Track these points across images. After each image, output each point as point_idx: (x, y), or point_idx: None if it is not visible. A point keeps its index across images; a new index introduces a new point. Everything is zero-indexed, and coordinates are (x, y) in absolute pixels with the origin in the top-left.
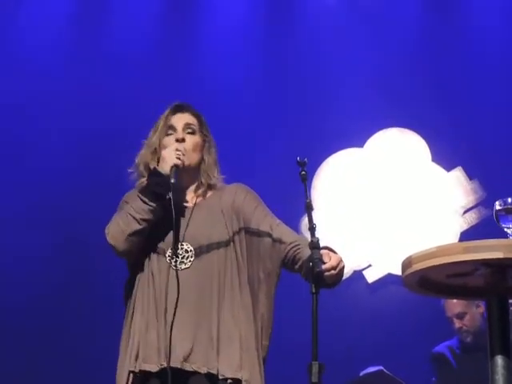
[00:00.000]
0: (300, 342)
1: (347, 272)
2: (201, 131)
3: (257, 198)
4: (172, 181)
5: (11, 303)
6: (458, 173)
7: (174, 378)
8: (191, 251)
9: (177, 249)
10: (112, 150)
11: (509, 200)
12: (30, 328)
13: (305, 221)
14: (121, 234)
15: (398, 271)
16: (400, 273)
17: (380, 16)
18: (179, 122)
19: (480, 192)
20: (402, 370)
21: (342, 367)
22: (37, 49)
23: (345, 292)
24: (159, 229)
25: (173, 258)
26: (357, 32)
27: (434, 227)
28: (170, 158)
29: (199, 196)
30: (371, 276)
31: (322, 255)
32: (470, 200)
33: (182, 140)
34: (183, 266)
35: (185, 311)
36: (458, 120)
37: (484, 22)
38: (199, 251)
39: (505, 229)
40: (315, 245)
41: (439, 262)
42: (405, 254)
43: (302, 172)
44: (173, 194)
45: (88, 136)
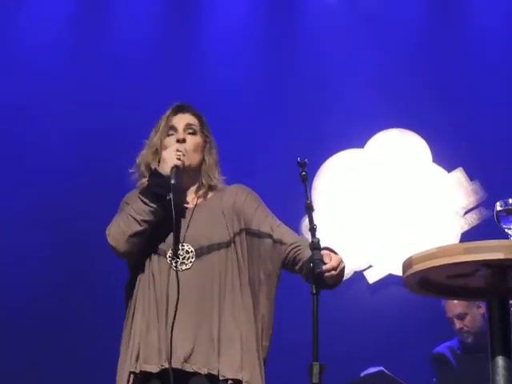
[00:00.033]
0: (301, 343)
1: (348, 273)
2: (202, 132)
3: (257, 199)
4: (172, 181)
5: (11, 303)
6: (459, 174)
7: (175, 379)
8: (192, 252)
9: (177, 250)
10: (112, 150)
11: (510, 201)
12: (30, 328)
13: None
14: (122, 236)
15: (399, 272)
16: (401, 273)
17: (380, 16)
18: (180, 123)
19: (481, 193)
20: (403, 371)
21: (343, 368)
22: (37, 49)
23: (345, 293)
24: (160, 230)
25: (173, 259)
26: (357, 32)
27: (435, 228)
28: (171, 159)
29: (200, 197)
30: (372, 277)
31: (323, 256)
32: (471, 201)
33: (183, 140)
34: (184, 267)
35: (185, 312)
36: (459, 121)
37: (484, 22)
38: (200, 252)
39: (506, 229)
40: (316, 245)
41: (440, 263)
42: (405, 255)
43: (303, 173)
44: (173, 195)
45: (88, 136)
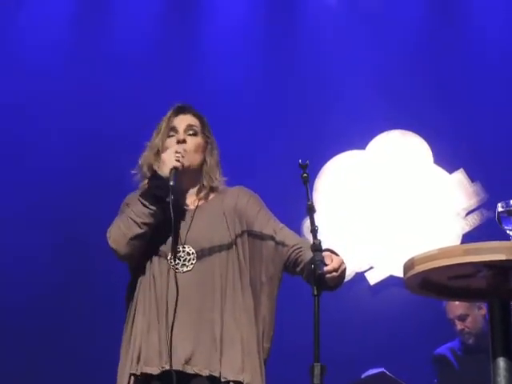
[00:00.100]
0: (302, 344)
1: (349, 274)
2: (203, 133)
3: (259, 202)
4: (171, 183)
5: (11, 303)
6: (460, 175)
7: (176, 381)
8: (193, 254)
9: (176, 251)
10: (112, 150)
11: (511, 202)
12: (30, 328)
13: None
14: (122, 238)
15: (400, 273)
16: (402, 275)
17: (380, 16)
18: (181, 124)
19: (482, 194)
20: (404, 372)
21: (344, 369)
22: (37, 49)
23: (347, 294)
24: (161, 232)
25: (174, 261)
26: (357, 32)
27: (436, 229)
28: (169, 161)
29: (201, 199)
30: (373, 278)
31: (324, 257)
32: (472, 202)
33: (183, 141)
34: (185, 269)
35: (186, 313)
36: (460, 121)
37: (484, 22)
38: (201, 254)
39: (507, 231)
40: (317, 247)
41: (441, 264)
42: (407, 256)
43: (304, 174)
44: (172, 197)
45: (88, 136)
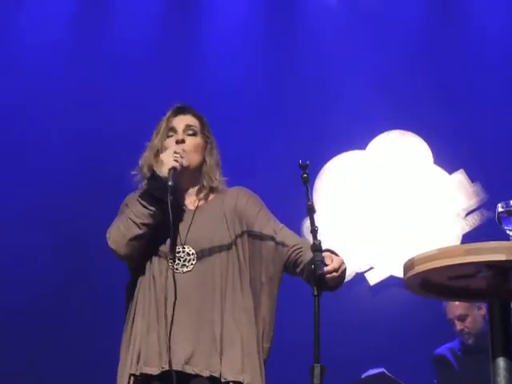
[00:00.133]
0: (302, 344)
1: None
2: (202, 132)
3: (259, 202)
4: (169, 183)
5: (11, 303)
6: (460, 175)
7: (176, 381)
8: (193, 254)
9: (174, 251)
10: (112, 150)
11: (511, 202)
12: (30, 328)
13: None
14: (122, 239)
15: (400, 273)
16: (402, 275)
17: (380, 16)
18: (180, 124)
19: (482, 194)
20: (404, 372)
21: (344, 369)
22: (37, 49)
23: (347, 294)
24: (161, 232)
25: (174, 261)
26: (357, 32)
27: (436, 230)
28: (168, 161)
29: (201, 199)
30: (373, 278)
31: (324, 258)
32: (472, 202)
33: (182, 141)
34: (185, 269)
35: (186, 314)
36: (460, 122)
37: (484, 22)
38: (201, 254)
39: (507, 231)
40: (317, 247)
41: (441, 264)
42: (407, 257)
43: (304, 175)
44: (171, 197)
45: (88, 136)
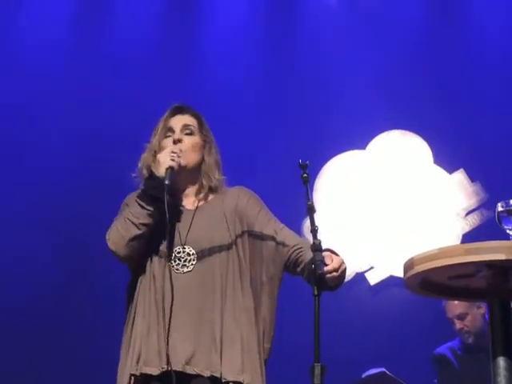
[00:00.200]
0: (302, 344)
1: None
2: (200, 132)
3: (259, 202)
4: (166, 182)
5: (11, 303)
6: (460, 175)
7: (176, 381)
8: (193, 255)
9: (172, 251)
10: (112, 150)
11: (511, 202)
12: (30, 328)
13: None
14: (121, 240)
15: (400, 273)
16: (402, 275)
17: (380, 16)
18: (178, 124)
19: (482, 194)
20: (404, 372)
21: (344, 369)
22: (37, 49)
23: (347, 294)
24: (161, 232)
25: (174, 261)
26: (357, 32)
27: (436, 229)
28: (165, 161)
29: (201, 199)
30: (373, 278)
31: (324, 257)
32: (472, 202)
33: (179, 141)
34: (185, 269)
35: (186, 314)
36: (460, 122)
37: (484, 22)
38: (201, 254)
39: (507, 230)
40: (317, 247)
41: (441, 264)
42: (407, 256)
43: (304, 174)
44: (169, 196)
45: (88, 136)
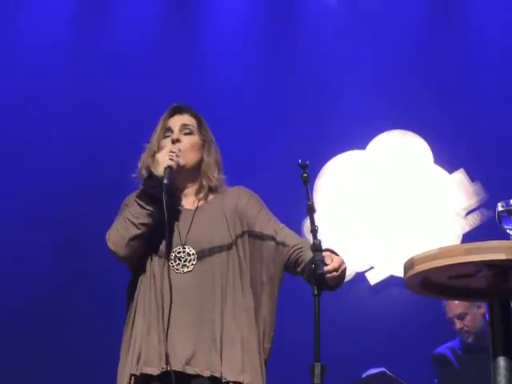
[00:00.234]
0: (302, 344)
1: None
2: (200, 131)
3: (260, 202)
4: (165, 182)
5: (11, 303)
6: (460, 175)
7: (176, 381)
8: (193, 254)
9: (170, 250)
10: (112, 150)
11: (511, 201)
12: (30, 328)
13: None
14: (121, 240)
15: (400, 273)
16: (402, 275)
17: (380, 16)
18: (176, 124)
19: (482, 194)
20: (405, 372)
21: (345, 369)
22: (37, 49)
23: (347, 294)
24: (161, 232)
25: (174, 261)
26: (357, 32)
27: (436, 229)
28: (163, 160)
29: (201, 199)
30: (373, 278)
31: (324, 257)
32: (472, 202)
33: (177, 140)
34: (185, 270)
35: (187, 314)
36: (460, 122)
37: (484, 22)
38: (201, 254)
39: (507, 230)
40: (317, 247)
41: (441, 264)
42: (407, 256)
43: (304, 174)
44: (167, 195)
45: (88, 136)
